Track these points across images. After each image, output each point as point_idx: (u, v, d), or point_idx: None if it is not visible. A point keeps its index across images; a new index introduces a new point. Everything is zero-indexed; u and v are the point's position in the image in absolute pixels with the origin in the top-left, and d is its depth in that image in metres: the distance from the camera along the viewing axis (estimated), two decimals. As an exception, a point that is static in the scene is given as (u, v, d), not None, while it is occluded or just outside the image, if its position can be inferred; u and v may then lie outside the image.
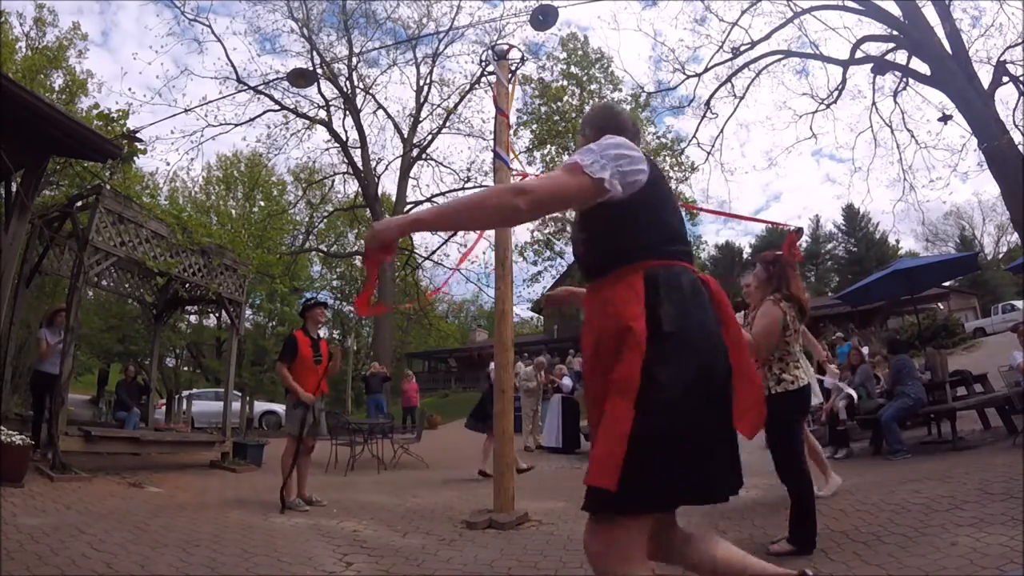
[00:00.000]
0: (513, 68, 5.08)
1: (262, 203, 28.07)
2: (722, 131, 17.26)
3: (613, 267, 1.43)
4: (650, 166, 1.48)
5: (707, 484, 1.31)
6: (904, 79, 14.03)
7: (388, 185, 27.51)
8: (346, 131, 22.38)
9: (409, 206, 23.47)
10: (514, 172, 4.97)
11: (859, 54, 14.41)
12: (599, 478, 1.23)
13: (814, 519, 2.85)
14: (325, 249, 29.32)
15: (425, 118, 23.42)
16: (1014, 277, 27.92)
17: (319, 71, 19.99)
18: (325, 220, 27.45)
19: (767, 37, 15.50)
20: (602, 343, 1.38)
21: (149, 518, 4.01)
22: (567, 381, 9.96)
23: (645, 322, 1.30)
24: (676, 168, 22.55)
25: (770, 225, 41.40)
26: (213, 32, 19.76)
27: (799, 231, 3.34)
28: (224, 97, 20.42)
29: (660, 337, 1.29)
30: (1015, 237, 31.39)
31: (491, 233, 4.77)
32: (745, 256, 48.39)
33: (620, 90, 23.89)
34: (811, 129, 20.85)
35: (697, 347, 1.31)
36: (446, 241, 23.03)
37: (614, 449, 1.23)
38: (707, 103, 16.67)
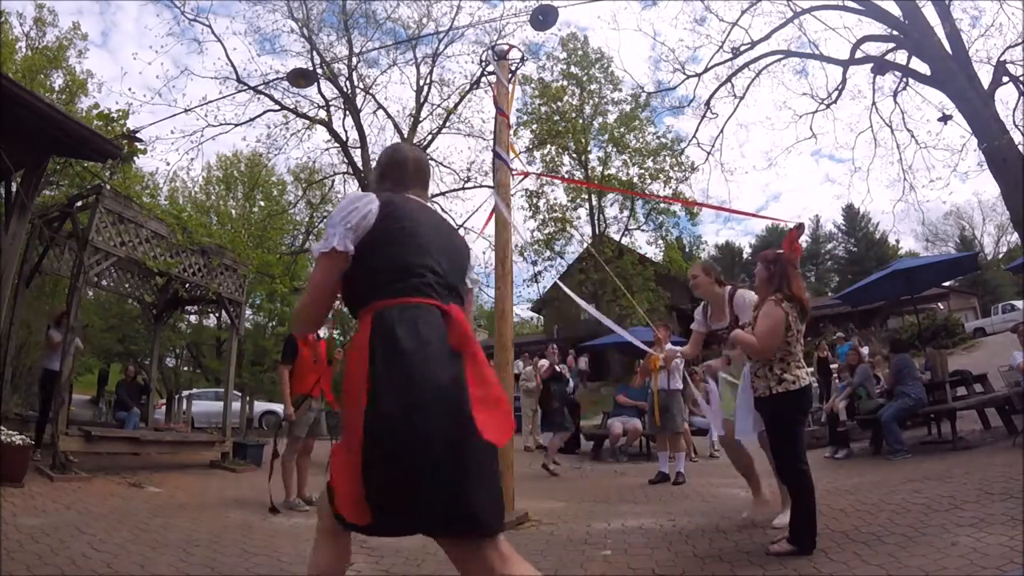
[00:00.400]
0: (513, 68, 5.08)
1: (262, 203, 28.06)
2: (722, 131, 17.22)
3: (356, 312, 1.52)
4: (383, 204, 1.56)
5: (415, 516, 1.32)
6: (904, 79, 14.01)
7: (388, 185, 27.46)
8: (346, 131, 22.27)
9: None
10: (514, 171, 4.96)
11: (859, 54, 14.39)
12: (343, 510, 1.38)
13: (814, 519, 2.86)
14: (325, 249, 29.27)
15: (425, 118, 23.36)
16: (1014, 277, 27.91)
17: (319, 71, 19.96)
18: (325, 220, 27.44)
19: (767, 37, 15.47)
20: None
21: (149, 518, 4.01)
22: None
23: (367, 365, 1.37)
24: (676, 168, 22.55)
25: (771, 223, 41.45)
26: (213, 32, 19.60)
27: (800, 227, 3.33)
28: (224, 97, 20.27)
29: (375, 376, 1.35)
30: (1015, 237, 31.38)
31: (491, 232, 4.78)
32: (745, 256, 48.42)
33: (620, 90, 23.89)
34: (811, 129, 20.83)
35: (410, 383, 1.34)
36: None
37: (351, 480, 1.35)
38: (707, 103, 16.65)
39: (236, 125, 20.64)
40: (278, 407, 16.47)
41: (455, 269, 1.62)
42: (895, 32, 13.25)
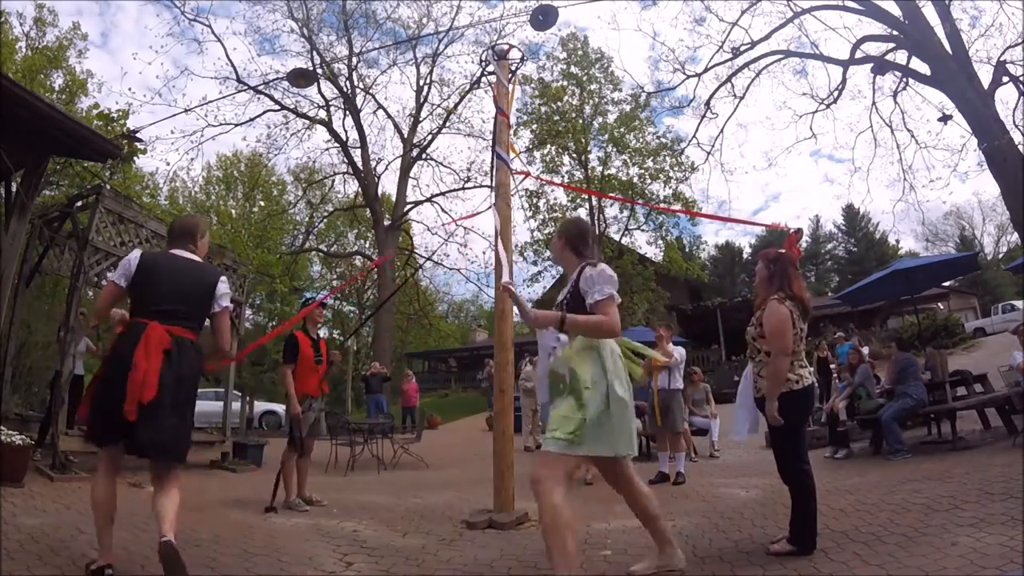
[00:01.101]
0: (513, 68, 5.07)
1: (262, 203, 28.08)
2: (722, 131, 17.27)
3: None
4: (141, 261, 2.68)
5: (100, 436, 2.58)
6: (904, 79, 14.02)
7: (388, 185, 27.49)
8: (346, 131, 22.40)
9: (409, 206, 23.50)
10: (514, 171, 4.96)
11: (859, 54, 14.40)
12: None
13: (815, 519, 2.85)
14: (325, 249, 29.35)
15: (425, 118, 23.43)
16: (1014, 277, 27.93)
17: (319, 71, 19.98)
18: (325, 220, 27.45)
19: (767, 37, 15.50)
20: None
21: (149, 518, 3.99)
22: None
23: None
24: (676, 168, 22.54)
25: (770, 226, 41.34)
26: (213, 32, 19.77)
27: (799, 231, 3.32)
28: (224, 97, 20.42)
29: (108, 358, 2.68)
30: (1015, 237, 31.39)
31: (490, 233, 4.80)
32: (745, 256, 48.42)
33: (620, 90, 23.88)
34: (811, 129, 20.88)
35: (111, 364, 2.56)
36: (446, 241, 23.08)
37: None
38: (707, 103, 16.67)
39: (236, 125, 20.76)
40: (278, 407, 16.47)
41: (182, 303, 2.67)
42: (895, 32, 13.26)
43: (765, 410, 3.00)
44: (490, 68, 5.34)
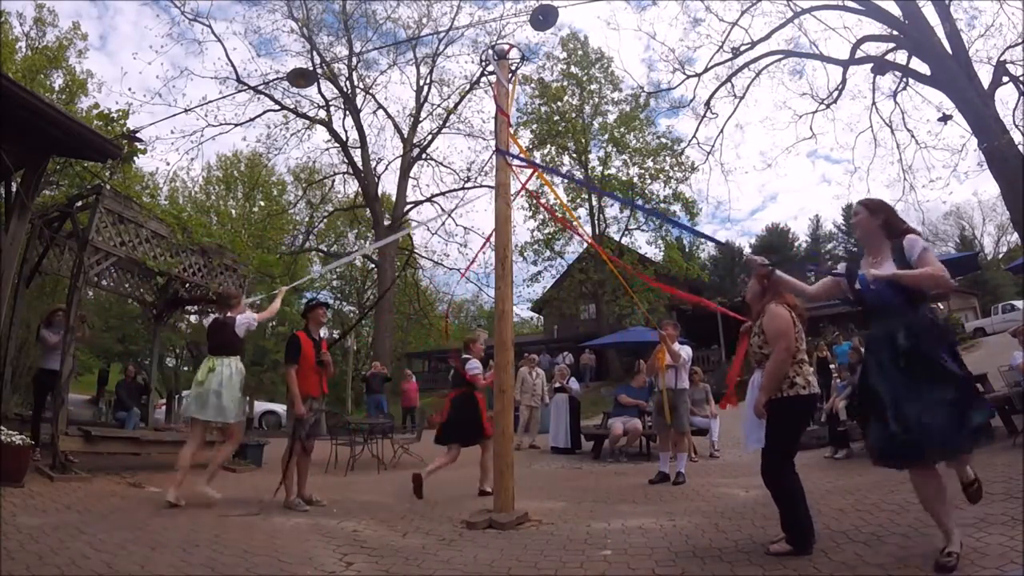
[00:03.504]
0: (513, 68, 5.08)
1: (262, 203, 28.09)
2: (722, 131, 17.28)
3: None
4: None
5: None
6: (904, 79, 14.03)
7: (388, 185, 27.49)
8: (346, 131, 22.40)
9: (409, 206, 23.50)
10: (517, 164, 4.95)
11: (859, 54, 14.40)
12: None
13: (808, 520, 2.84)
14: (325, 249, 29.34)
15: (425, 118, 23.44)
16: (1014, 277, 27.90)
17: (319, 71, 19.97)
18: (325, 220, 27.46)
19: (767, 37, 15.51)
20: None
21: (149, 518, 4.01)
22: (575, 384, 9.80)
23: None
24: (676, 168, 22.54)
25: (771, 224, 41.30)
26: (213, 32, 19.76)
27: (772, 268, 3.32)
28: (224, 97, 20.46)
29: None
30: (1015, 237, 31.42)
31: (489, 232, 4.81)
32: (745, 257, 48.36)
33: (620, 90, 23.89)
34: (811, 129, 20.91)
35: None
36: (447, 242, 23.17)
37: None
38: (707, 103, 16.67)
39: (236, 125, 20.75)
40: (278, 407, 16.47)
41: None
42: (895, 32, 13.27)
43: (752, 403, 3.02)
44: (490, 68, 5.34)
